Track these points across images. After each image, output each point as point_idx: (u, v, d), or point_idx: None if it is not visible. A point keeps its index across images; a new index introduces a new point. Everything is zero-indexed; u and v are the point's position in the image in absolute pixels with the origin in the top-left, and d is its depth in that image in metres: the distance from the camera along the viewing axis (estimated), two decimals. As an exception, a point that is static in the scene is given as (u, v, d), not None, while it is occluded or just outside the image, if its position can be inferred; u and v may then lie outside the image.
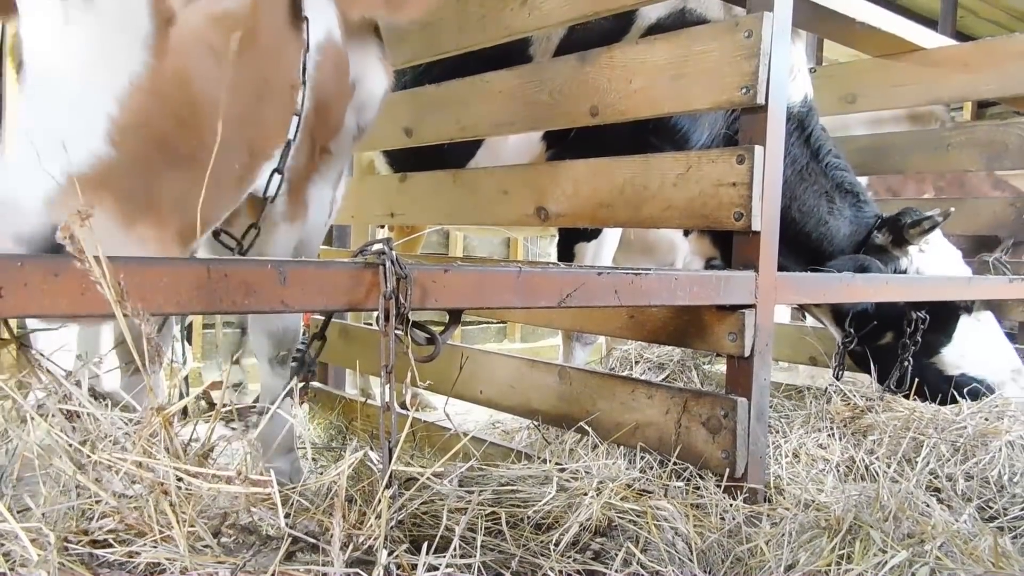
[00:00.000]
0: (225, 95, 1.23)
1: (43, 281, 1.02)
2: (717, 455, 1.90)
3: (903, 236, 2.71)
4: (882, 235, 2.73)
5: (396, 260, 1.29)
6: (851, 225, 2.78)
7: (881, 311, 2.75)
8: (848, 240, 2.77)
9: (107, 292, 0.93)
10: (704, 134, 2.70)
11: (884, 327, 2.81)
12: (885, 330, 2.82)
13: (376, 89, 1.97)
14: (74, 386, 1.13)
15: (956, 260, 2.88)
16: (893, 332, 2.81)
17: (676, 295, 1.77)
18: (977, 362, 2.79)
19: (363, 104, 1.94)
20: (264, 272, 1.19)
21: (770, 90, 1.87)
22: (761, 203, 1.88)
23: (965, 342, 2.81)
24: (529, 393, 2.33)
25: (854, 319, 2.78)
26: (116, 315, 0.96)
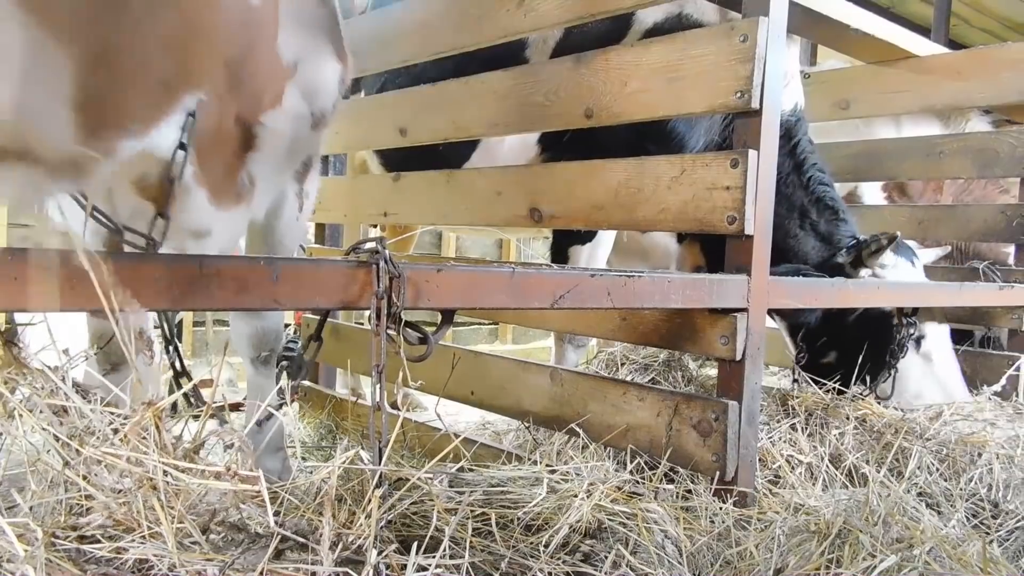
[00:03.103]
0: None
1: (35, 275, 1.02)
2: (708, 458, 1.90)
3: (860, 258, 2.72)
4: (844, 255, 2.74)
5: (389, 259, 1.29)
6: (822, 242, 2.79)
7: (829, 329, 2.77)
8: (816, 255, 2.77)
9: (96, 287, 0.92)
10: (700, 140, 2.70)
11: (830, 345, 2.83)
12: (830, 348, 2.84)
13: (328, 75, 1.88)
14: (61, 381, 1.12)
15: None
16: (836, 352, 2.83)
17: (669, 298, 1.77)
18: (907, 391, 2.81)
19: (314, 88, 1.85)
20: (257, 269, 1.18)
21: (764, 94, 1.87)
22: (754, 207, 1.88)
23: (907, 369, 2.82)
24: (520, 394, 2.33)
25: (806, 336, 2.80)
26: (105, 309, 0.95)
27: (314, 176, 2.05)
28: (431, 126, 2.70)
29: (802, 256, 2.77)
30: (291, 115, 1.74)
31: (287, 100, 1.71)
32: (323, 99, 1.84)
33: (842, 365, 2.79)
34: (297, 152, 1.88)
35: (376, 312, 1.28)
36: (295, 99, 1.75)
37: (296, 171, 1.94)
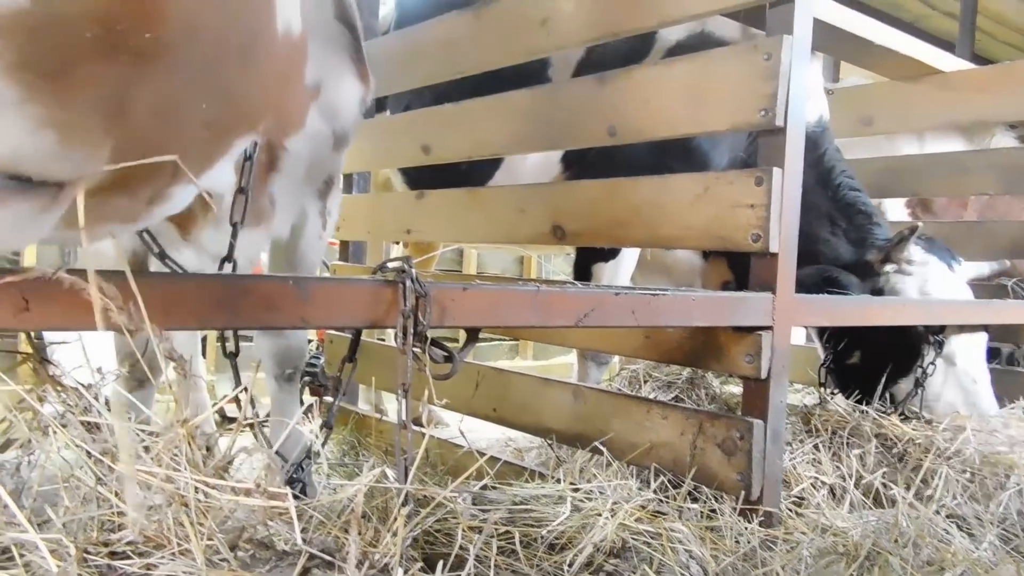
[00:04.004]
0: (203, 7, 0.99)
1: (68, 296, 1.04)
2: (732, 477, 1.89)
3: (888, 254, 2.70)
4: (873, 252, 2.72)
5: (416, 278, 1.30)
6: (853, 246, 2.76)
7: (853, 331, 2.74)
8: (850, 258, 2.76)
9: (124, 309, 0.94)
10: (724, 157, 2.70)
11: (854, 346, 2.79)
12: (854, 349, 2.80)
13: (349, 95, 1.89)
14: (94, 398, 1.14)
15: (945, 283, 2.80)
16: (860, 353, 2.79)
17: (693, 316, 1.77)
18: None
19: (336, 109, 1.86)
20: (285, 288, 1.20)
21: (789, 112, 1.87)
22: (779, 225, 1.88)
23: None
24: (543, 411, 2.32)
25: (831, 336, 2.77)
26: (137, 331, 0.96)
27: (335, 194, 2.07)
28: (454, 144, 2.73)
29: (833, 260, 2.74)
30: (313, 136, 1.76)
31: (310, 122, 1.73)
32: (344, 119, 1.86)
33: (866, 367, 2.76)
34: (318, 172, 1.90)
35: (403, 331, 1.28)
36: (317, 120, 1.77)
37: (317, 190, 1.96)
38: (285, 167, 1.69)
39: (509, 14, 2.53)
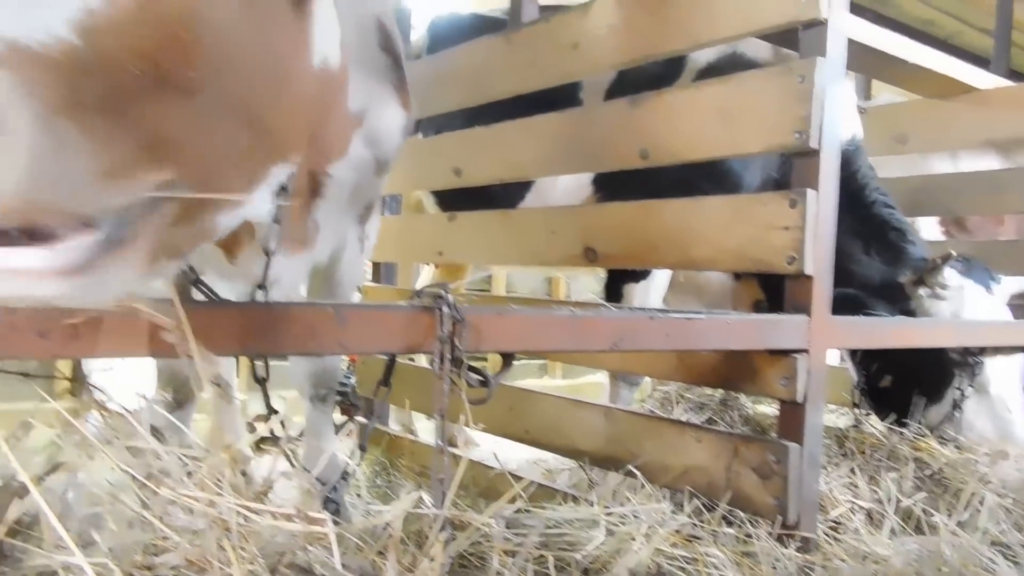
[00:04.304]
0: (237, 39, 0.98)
1: (115, 323, 1.06)
2: (768, 502, 1.87)
3: (922, 279, 2.66)
4: (907, 274, 2.68)
5: (452, 304, 1.31)
6: (887, 265, 2.73)
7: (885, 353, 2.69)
8: (883, 278, 2.72)
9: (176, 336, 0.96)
10: (756, 177, 2.70)
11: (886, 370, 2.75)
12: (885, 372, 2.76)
13: (392, 122, 1.91)
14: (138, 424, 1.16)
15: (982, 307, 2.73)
16: (892, 377, 2.75)
17: (727, 339, 1.76)
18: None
19: (379, 136, 1.88)
20: (324, 314, 1.22)
21: (823, 134, 1.86)
22: (814, 247, 1.87)
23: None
24: (575, 433, 2.32)
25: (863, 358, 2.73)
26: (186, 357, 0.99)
27: (374, 219, 2.10)
28: (486, 167, 2.75)
29: (866, 280, 2.71)
30: (356, 163, 1.78)
31: (353, 149, 1.75)
32: (386, 146, 1.88)
33: (899, 390, 2.72)
34: (360, 197, 1.93)
35: (439, 356, 1.30)
36: (360, 147, 1.79)
37: (358, 215, 1.99)
38: (328, 193, 1.72)
39: (540, 38, 2.55)
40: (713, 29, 2.08)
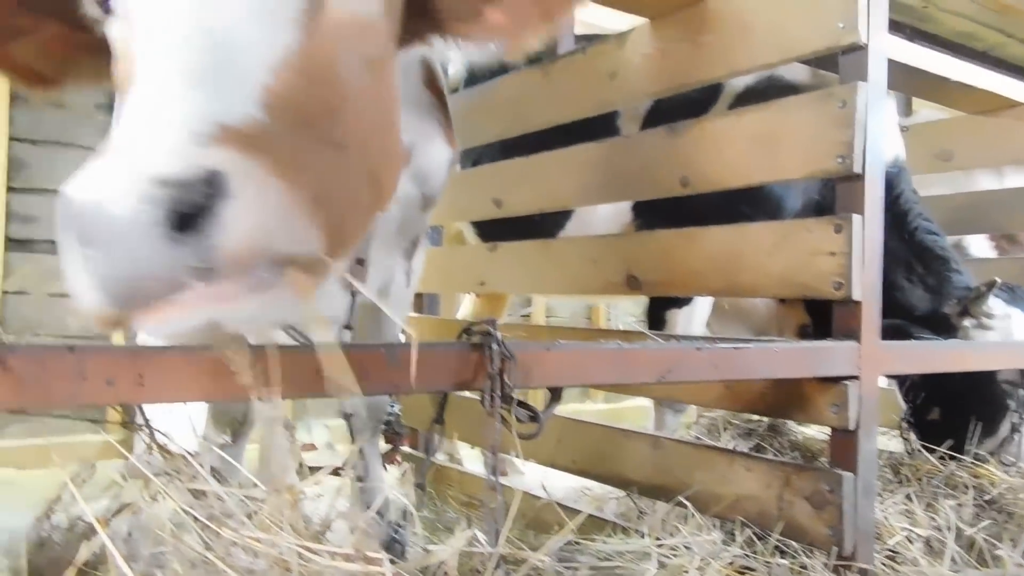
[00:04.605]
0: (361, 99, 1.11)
1: (179, 368, 1.10)
2: (823, 532, 1.84)
3: (967, 309, 2.60)
4: (952, 306, 2.62)
5: (501, 341, 1.32)
6: (931, 293, 2.67)
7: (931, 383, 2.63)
8: (925, 307, 2.66)
9: (247, 380, 0.99)
10: (797, 201, 2.68)
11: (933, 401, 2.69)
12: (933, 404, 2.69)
13: (438, 158, 1.93)
14: (199, 466, 1.19)
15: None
16: (940, 408, 2.68)
17: (776, 368, 1.75)
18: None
19: (425, 173, 1.90)
20: (376, 355, 1.24)
21: (867, 159, 1.85)
22: (861, 272, 1.85)
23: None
24: (622, 463, 2.31)
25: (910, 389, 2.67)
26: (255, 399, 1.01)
27: (420, 253, 2.13)
28: (526, 197, 2.77)
29: (909, 308, 2.67)
30: (404, 200, 1.82)
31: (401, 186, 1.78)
32: (433, 182, 1.92)
33: (947, 422, 2.65)
34: (407, 233, 1.96)
35: (489, 393, 1.31)
36: (408, 185, 1.83)
37: (405, 249, 2.02)
38: (378, 231, 1.75)
39: (577, 69, 2.58)
40: (751, 56, 2.08)
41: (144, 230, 0.76)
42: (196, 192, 0.77)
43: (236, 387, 1.09)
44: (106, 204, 0.76)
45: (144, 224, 0.75)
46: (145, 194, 0.75)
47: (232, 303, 0.83)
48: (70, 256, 0.82)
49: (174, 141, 0.80)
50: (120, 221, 0.76)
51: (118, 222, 0.76)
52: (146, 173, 0.77)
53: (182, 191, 0.76)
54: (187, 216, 0.77)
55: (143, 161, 0.78)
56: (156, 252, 0.76)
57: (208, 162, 0.78)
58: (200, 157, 0.78)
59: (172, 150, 0.79)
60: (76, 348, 1.05)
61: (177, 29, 0.90)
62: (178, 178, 0.76)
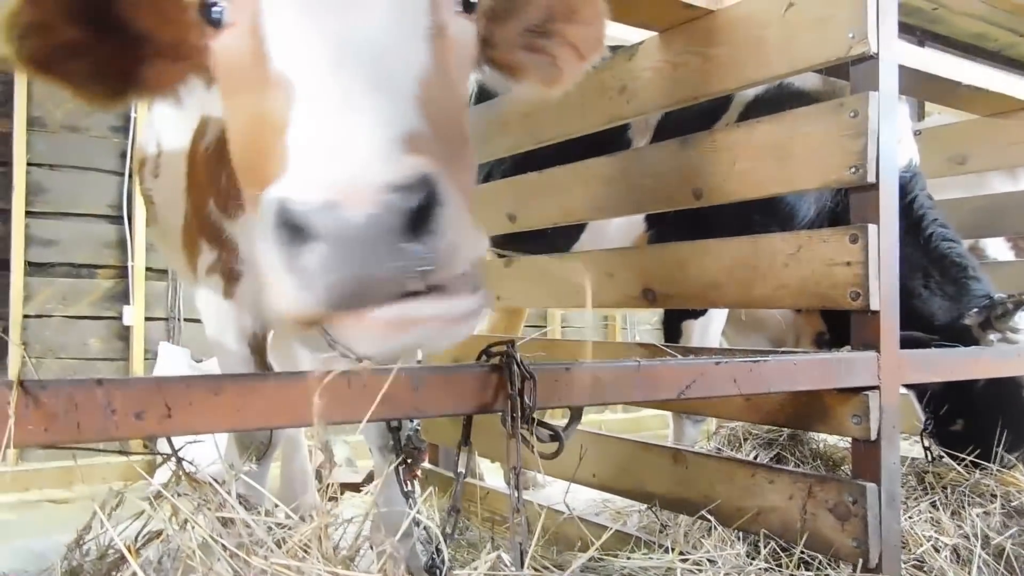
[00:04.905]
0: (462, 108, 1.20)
1: (205, 399, 1.12)
2: (848, 544, 1.83)
3: (989, 321, 2.57)
4: (972, 316, 2.57)
5: (521, 362, 1.33)
6: (949, 301, 2.64)
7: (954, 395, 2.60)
8: (943, 316, 2.62)
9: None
10: (810, 209, 2.67)
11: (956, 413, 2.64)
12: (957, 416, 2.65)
13: None
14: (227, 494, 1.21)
15: None
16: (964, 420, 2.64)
17: (796, 380, 1.75)
18: None
19: None
20: (399, 380, 1.25)
21: (880, 168, 1.85)
22: (878, 282, 1.84)
23: None
24: (643, 476, 2.31)
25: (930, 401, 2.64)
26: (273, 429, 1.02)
27: None
28: (540, 211, 2.78)
29: (928, 317, 2.64)
30: None
31: None
32: None
33: (972, 434, 2.61)
34: None
35: (510, 414, 1.32)
36: None
37: None
38: None
39: (587, 83, 2.56)
40: (761, 68, 2.09)
41: (383, 230, 0.80)
42: (421, 196, 0.82)
43: (261, 417, 1.11)
44: (345, 206, 0.80)
45: (384, 225, 0.80)
46: (382, 197, 0.80)
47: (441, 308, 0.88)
48: (279, 257, 0.83)
49: (388, 148, 0.84)
50: (360, 222, 0.80)
51: (359, 223, 0.80)
52: (377, 177, 0.81)
53: (411, 195, 0.81)
54: (415, 218, 0.82)
55: (368, 166, 0.82)
56: (391, 251, 0.81)
57: (422, 168, 0.83)
58: (415, 164, 0.83)
59: (391, 157, 0.83)
60: (104, 381, 1.07)
61: (347, 46, 0.94)
62: (406, 182, 0.81)
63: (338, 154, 0.84)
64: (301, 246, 0.81)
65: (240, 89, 1.08)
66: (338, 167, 0.83)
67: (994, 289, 2.66)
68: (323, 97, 0.90)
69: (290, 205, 0.81)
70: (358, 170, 0.82)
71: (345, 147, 0.84)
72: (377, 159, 0.83)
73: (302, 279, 0.82)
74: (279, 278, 0.84)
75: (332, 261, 0.81)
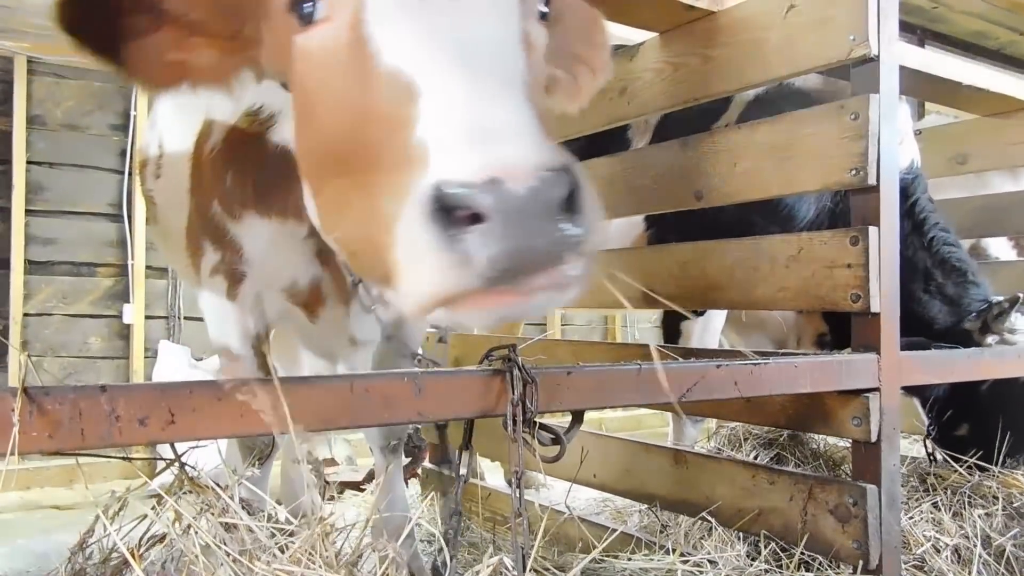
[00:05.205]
0: None
1: (208, 405, 1.12)
2: (848, 545, 1.83)
3: (988, 324, 2.57)
4: (972, 320, 2.57)
5: (522, 366, 1.33)
6: (949, 305, 2.63)
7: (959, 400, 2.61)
8: (943, 320, 2.62)
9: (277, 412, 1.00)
10: (810, 209, 2.67)
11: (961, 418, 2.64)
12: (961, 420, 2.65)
13: None
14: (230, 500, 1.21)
15: None
16: (969, 425, 2.64)
17: (797, 383, 1.75)
18: None
19: None
20: (401, 385, 1.25)
21: (881, 170, 1.85)
22: (879, 284, 1.85)
23: None
24: (644, 477, 2.31)
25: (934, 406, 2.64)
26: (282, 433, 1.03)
27: None
28: (541, 212, 2.77)
29: (928, 321, 2.64)
30: None
31: None
32: None
33: (976, 438, 2.61)
34: None
35: (512, 418, 1.32)
36: None
37: None
38: None
39: (588, 84, 2.58)
40: (762, 70, 2.09)
41: (545, 204, 0.84)
42: (570, 177, 0.86)
43: (264, 423, 1.11)
44: (509, 182, 0.83)
45: (545, 199, 0.84)
46: (540, 175, 0.84)
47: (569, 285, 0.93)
48: (435, 238, 0.85)
49: (535, 135, 0.89)
50: (525, 195, 0.83)
51: (524, 196, 0.83)
52: (533, 159, 0.85)
53: (563, 175, 0.86)
54: (568, 199, 0.86)
55: (522, 149, 0.86)
56: (551, 224, 0.85)
57: (564, 154, 0.88)
58: (558, 149, 0.88)
59: (539, 142, 0.88)
60: (108, 388, 1.07)
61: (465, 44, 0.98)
62: (556, 165, 0.86)
63: (490, 138, 0.87)
64: (460, 225, 0.84)
65: (333, 83, 1.09)
66: (493, 150, 0.86)
67: (993, 293, 2.67)
68: (459, 90, 0.93)
69: (447, 188, 0.84)
70: (514, 152, 0.86)
71: (495, 133, 0.88)
72: (528, 144, 0.87)
73: (461, 257, 0.84)
74: (433, 259, 0.85)
75: (497, 236, 0.83)
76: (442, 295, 0.89)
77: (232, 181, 1.72)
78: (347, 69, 1.05)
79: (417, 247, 0.87)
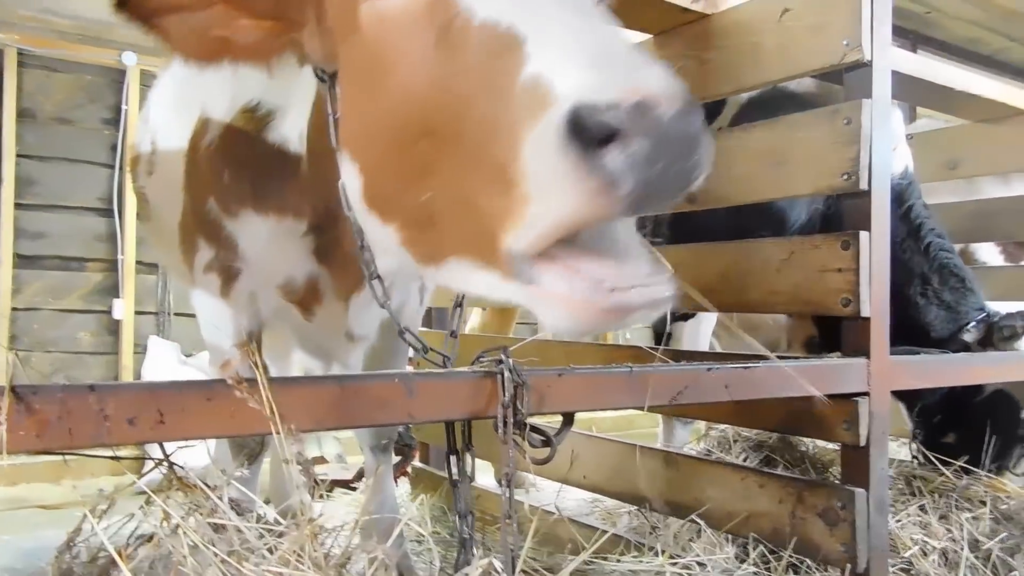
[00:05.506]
0: None
1: (198, 405, 1.11)
2: (836, 549, 1.84)
3: (991, 340, 2.56)
4: (971, 332, 2.57)
5: (513, 368, 1.33)
6: (946, 311, 2.63)
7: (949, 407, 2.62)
8: (940, 327, 2.62)
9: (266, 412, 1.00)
10: (802, 212, 2.68)
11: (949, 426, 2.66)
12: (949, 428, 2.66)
13: None
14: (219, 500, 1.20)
15: None
16: (956, 433, 2.65)
17: (787, 387, 1.75)
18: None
19: None
20: (392, 386, 1.25)
21: (872, 175, 1.86)
22: (869, 288, 1.85)
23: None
24: (635, 479, 2.31)
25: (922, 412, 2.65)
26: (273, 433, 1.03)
27: None
28: (533, 213, 2.77)
29: (924, 328, 2.64)
30: None
31: None
32: None
33: (965, 446, 2.62)
34: None
35: (503, 420, 1.32)
36: None
37: None
38: None
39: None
40: (756, 73, 2.09)
41: (689, 135, 0.85)
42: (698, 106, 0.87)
43: (254, 423, 1.10)
44: (655, 104, 0.84)
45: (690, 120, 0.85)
46: (686, 105, 0.85)
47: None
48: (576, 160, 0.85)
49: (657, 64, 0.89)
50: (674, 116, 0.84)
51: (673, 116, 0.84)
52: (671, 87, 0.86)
53: (697, 108, 0.87)
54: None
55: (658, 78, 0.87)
56: (690, 154, 0.86)
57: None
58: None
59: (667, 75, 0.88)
60: (97, 387, 1.07)
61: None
62: (686, 94, 0.86)
63: (622, 64, 0.88)
64: (600, 148, 0.84)
65: (413, 46, 1.08)
66: (632, 74, 0.86)
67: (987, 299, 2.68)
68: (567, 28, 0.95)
69: (589, 112, 0.84)
70: (655, 77, 0.86)
71: (624, 61, 0.89)
72: (661, 72, 0.87)
73: (606, 180, 0.84)
74: (573, 184, 0.86)
75: (644, 159, 0.84)
76: (580, 221, 0.89)
77: (229, 178, 1.72)
78: (432, 30, 1.05)
79: (554, 175, 0.87)
